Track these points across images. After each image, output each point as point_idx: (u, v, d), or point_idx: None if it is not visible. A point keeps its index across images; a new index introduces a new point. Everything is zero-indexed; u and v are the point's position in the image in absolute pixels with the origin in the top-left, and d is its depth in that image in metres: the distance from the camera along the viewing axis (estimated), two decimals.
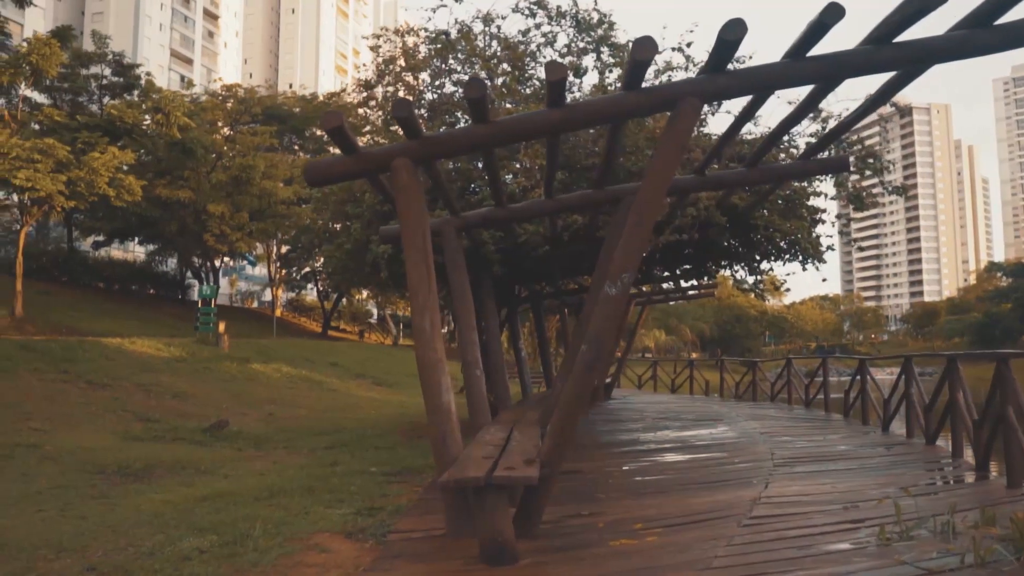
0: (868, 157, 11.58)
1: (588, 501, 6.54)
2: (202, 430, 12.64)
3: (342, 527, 5.87)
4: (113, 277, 39.97)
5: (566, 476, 7.88)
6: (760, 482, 7.23)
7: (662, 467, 8.65)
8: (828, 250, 12.32)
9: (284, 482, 8.22)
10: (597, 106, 5.35)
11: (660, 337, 74.33)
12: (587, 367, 5.14)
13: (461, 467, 4.94)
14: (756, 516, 5.73)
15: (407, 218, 5.63)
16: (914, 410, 10.53)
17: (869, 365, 13.38)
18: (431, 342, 5.52)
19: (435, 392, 5.47)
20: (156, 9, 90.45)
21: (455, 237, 8.54)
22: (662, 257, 13.77)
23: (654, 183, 5.04)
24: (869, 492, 6.62)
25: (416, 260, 5.60)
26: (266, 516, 6.34)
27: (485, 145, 5.69)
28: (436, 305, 5.61)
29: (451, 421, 5.43)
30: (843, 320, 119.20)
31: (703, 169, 7.80)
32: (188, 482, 8.72)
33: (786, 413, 15.67)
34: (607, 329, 5.16)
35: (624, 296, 5.10)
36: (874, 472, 7.84)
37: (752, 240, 11.96)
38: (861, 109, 6.22)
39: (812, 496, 6.50)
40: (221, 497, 7.51)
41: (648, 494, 6.93)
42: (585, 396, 5.25)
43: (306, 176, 5.97)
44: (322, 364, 26.87)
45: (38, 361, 15.39)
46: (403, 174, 5.61)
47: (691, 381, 25.95)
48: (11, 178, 20.85)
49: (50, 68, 24.08)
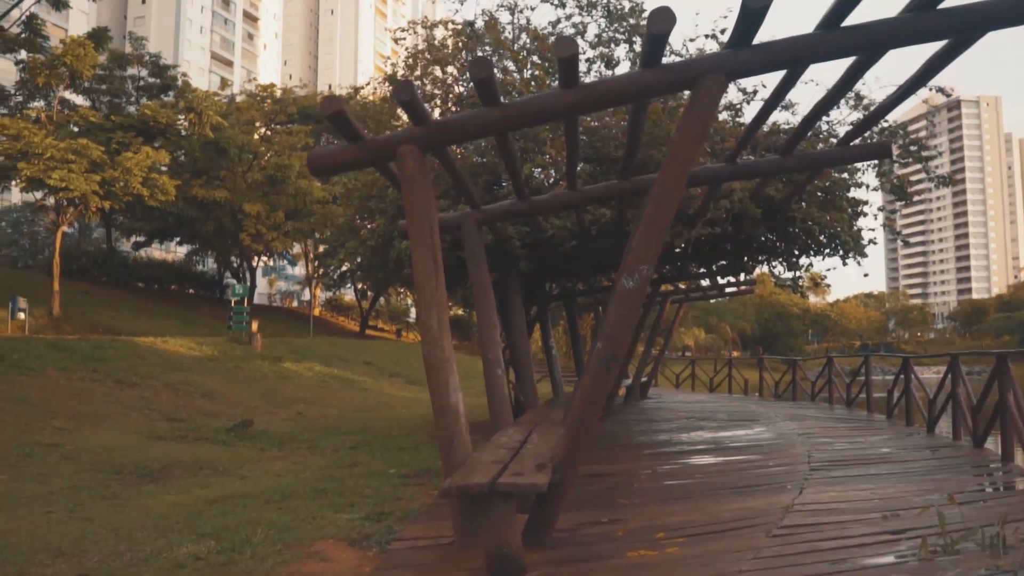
0: (912, 146, 11.03)
1: (609, 507, 6.19)
2: (226, 430, 12.49)
3: (347, 533, 5.59)
4: (152, 277, 40.41)
5: (589, 479, 7.54)
6: (794, 487, 6.82)
7: (692, 470, 8.26)
8: (870, 244, 11.78)
9: (299, 484, 7.97)
10: (613, 85, 5.00)
11: (700, 335, 73.40)
12: (603, 365, 4.79)
13: (466, 473, 4.63)
14: (787, 525, 5.34)
15: (413, 208, 5.33)
16: (961, 410, 10.00)
17: (914, 364, 12.83)
18: (438, 340, 5.21)
19: (442, 392, 5.16)
20: (196, 12, 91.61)
21: (476, 231, 8.24)
22: (696, 252, 13.32)
23: (674, 167, 4.67)
24: (911, 499, 6.18)
25: (422, 253, 5.29)
26: (272, 520, 6.09)
27: (496, 129, 5.36)
28: (444, 301, 5.29)
29: (459, 423, 5.11)
30: (888, 318, 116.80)
31: (734, 157, 7.39)
32: (203, 483, 8.52)
33: (826, 413, 15.14)
34: (624, 325, 4.81)
35: (642, 289, 4.74)
36: (917, 477, 7.37)
37: (790, 234, 11.48)
38: (904, 88, 5.78)
39: (849, 503, 6.08)
40: (232, 499, 7.29)
41: (674, 499, 6.55)
42: (601, 396, 4.90)
43: (310, 165, 5.70)
44: (356, 363, 26.78)
45: (67, 360, 15.41)
46: (409, 162, 5.30)
47: (730, 380, 25.45)
48: (45, 179, 21.04)
49: (84, 69, 24.30)
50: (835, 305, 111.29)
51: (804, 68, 5.03)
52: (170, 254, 50.33)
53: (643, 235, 4.73)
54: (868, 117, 6.67)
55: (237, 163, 33.01)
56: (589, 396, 4.86)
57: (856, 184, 10.97)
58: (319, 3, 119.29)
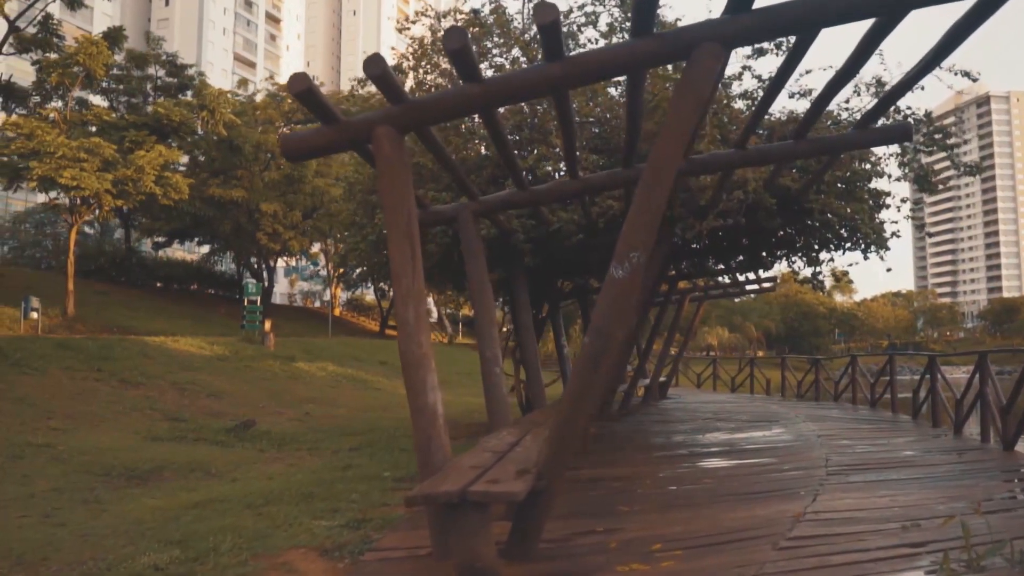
0: (936, 134, 10.48)
1: (607, 515, 5.77)
2: (227, 430, 12.20)
3: (321, 542, 5.22)
4: (171, 277, 40.42)
5: (590, 484, 7.14)
6: (808, 494, 6.36)
7: (701, 474, 7.80)
8: (893, 237, 11.25)
9: (287, 487, 7.64)
10: (601, 56, 4.58)
11: (724, 335, 72.52)
12: (592, 362, 4.38)
13: (438, 479, 4.24)
14: (796, 537, 4.90)
15: (389, 194, 4.95)
16: (990, 411, 9.47)
17: (941, 363, 12.29)
18: (415, 335, 4.82)
19: (419, 391, 4.77)
20: (219, 14, 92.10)
21: (472, 222, 7.84)
22: (712, 247, 12.87)
23: (667, 144, 4.25)
24: (934, 507, 5.71)
25: (399, 242, 4.90)
26: (247, 527, 5.75)
27: (478, 107, 4.95)
28: (422, 293, 4.91)
29: (437, 424, 4.72)
30: (917, 317, 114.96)
31: (744, 142, 6.94)
32: (191, 486, 8.22)
33: (849, 414, 14.60)
34: (615, 318, 4.38)
35: (635, 279, 4.32)
36: (942, 483, 6.88)
37: (808, 227, 10.98)
38: (925, 62, 5.32)
39: (866, 512, 5.61)
40: (214, 504, 6.97)
41: (678, 507, 6.12)
42: (591, 396, 4.49)
43: (282, 150, 5.34)
44: (371, 362, 26.49)
45: (72, 359, 15.20)
46: (385, 144, 4.92)
47: (752, 380, 24.88)
48: (57, 177, 20.92)
49: (97, 68, 24.19)
50: (862, 304, 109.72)
51: (814, 34, 4.60)
52: (191, 255, 50.43)
53: (634, 219, 4.31)
54: (887, 95, 6.20)
55: (253, 162, 32.83)
56: (576, 396, 4.45)
57: (878, 174, 10.46)
58: (341, 4, 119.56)
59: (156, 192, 23.59)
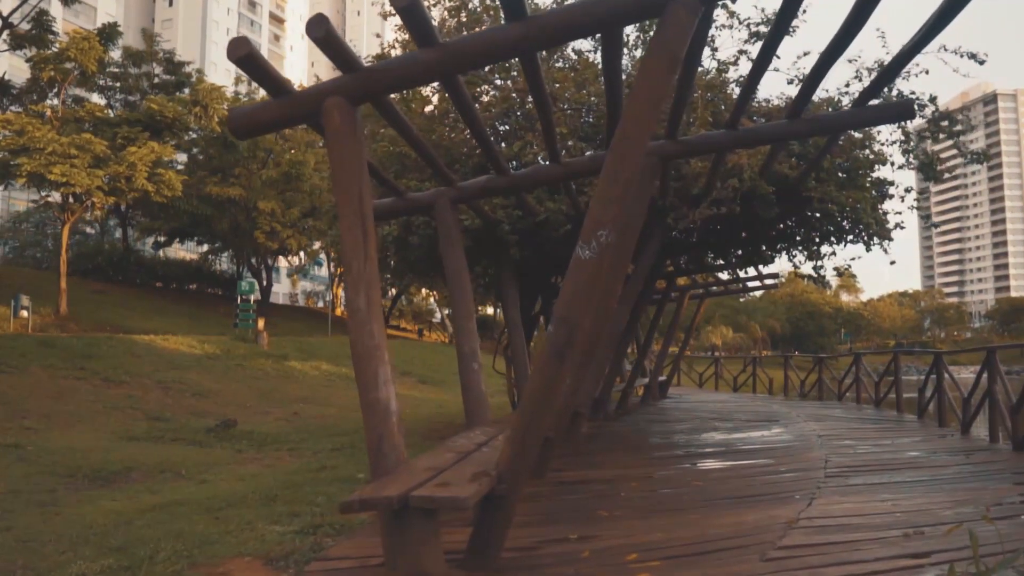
0: (942, 120, 10.00)
1: (584, 520, 5.34)
2: (207, 430, 11.80)
3: (270, 550, 4.80)
4: (170, 276, 40.05)
5: (571, 487, 6.71)
6: (804, 497, 5.93)
7: (692, 476, 7.36)
8: (897, 228, 10.78)
9: (254, 489, 7.23)
10: (568, 14, 4.15)
11: (728, 334, 71.87)
12: (556, 353, 3.96)
13: (383, 483, 3.83)
14: (787, 546, 4.47)
15: (340, 169, 4.53)
16: (999, 410, 9.02)
17: (948, 362, 11.82)
18: (367, 323, 4.41)
19: (371, 385, 4.35)
20: (223, 15, 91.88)
21: (450, 210, 7.43)
22: (709, 240, 12.39)
23: (637, 109, 3.82)
24: (939, 513, 5.27)
25: (351, 222, 4.49)
26: (196, 533, 5.34)
27: (437, 74, 4.54)
28: (375, 278, 4.49)
29: (390, 421, 4.30)
30: (924, 317, 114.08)
31: (735, 122, 6.51)
32: (156, 488, 7.81)
33: (853, 413, 14.14)
34: (582, 304, 3.96)
35: (602, 261, 3.89)
36: (948, 485, 6.43)
37: (807, 218, 10.54)
38: (925, 29, 4.89)
39: (865, 517, 5.18)
40: (173, 507, 6.56)
41: (662, 512, 5.68)
42: (555, 392, 4.06)
43: (230, 126, 4.94)
44: None
45: (54, 358, 14.82)
46: (335, 116, 4.52)
47: (754, 379, 24.44)
48: (46, 174, 20.56)
49: (89, 63, 23.82)
50: (868, 304, 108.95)
51: None
52: (193, 254, 50.07)
53: (603, 193, 3.89)
54: (886, 69, 5.77)
55: (252, 160, 32.45)
56: (540, 392, 4.02)
57: (880, 161, 9.99)
58: (345, 4, 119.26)
59: (149, 189, 23.20)
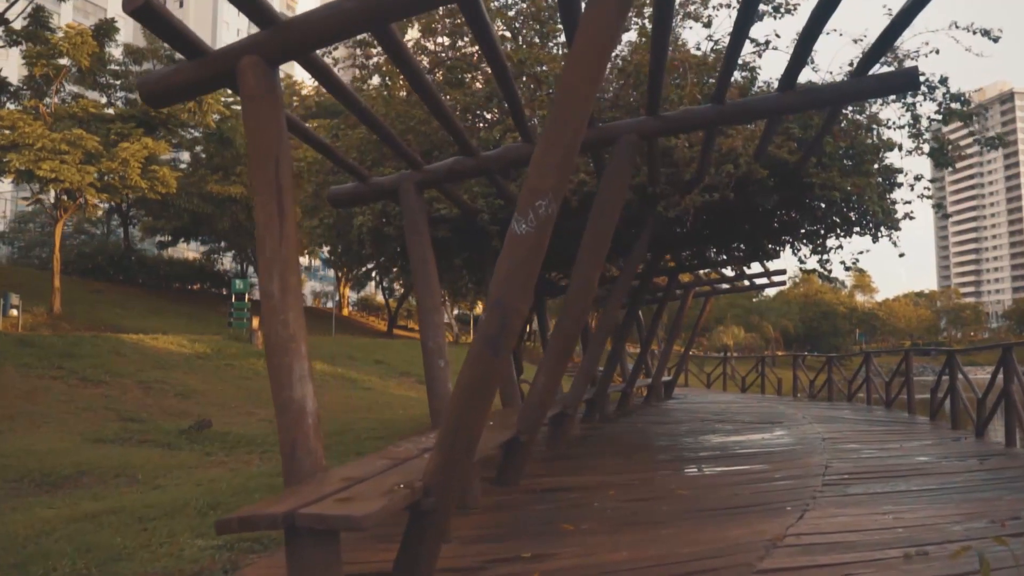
0: (954, 101, 9.33)
1: (544, 536, 4.76)
2: (180, 431, 11.26)
3: (181, 568, 4.25)
4: (173, 276, 39.64)
5: (539, 497, 6.13)
6: (796, 509, 5.32)
7: (678, 484, 6.75)
8: (907, 218, 10.13)
9: (203, 495, 6.67)
10: None
11: (740, 334, 70.89)
12: (488, 344, 3.37)
13: (278, 497, 3.25)
14: (768, 568, 3.87)
15: (254, 136, 3.98)
16: (1015, 411, 8.37)
17: (963, 362, 11.16)
18: (280, 312, 3.84)
19: (284, 383, 3.79)
20: (233, 15, 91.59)
21: (416, 195, 6.89)
22: (707, 232, 11.76)
23: (582, 56, 3.23)
24: (947, 527, 4.65)
25: (265, 196, 3.94)
26: (114, 546, 4.81)
27: (363, 22, 3.99)
28: (291, 260, 3.92)
29: (304, 424, 3.74)
30: (940, 317, 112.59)
31: (722, 95, 5.91)
32: (103, 494, 7.29)
33: (861, 415, 13.49)
34: (519, 287, 3.37)
35: (542, 236, 3.30)
36: (958, 495, 5.80)
37: (810, 208, 9.92)
38: None
39: (862, 533, 4.57)
40: (108, 515, 6.01)
41: (634, 526, 5.07)
42: (487, 389, 3.47)
43: (142, 95, 4.40)
44: (365, 361, 25.51)
45: (31, 357, 14.34)
46: (250, 77, 3.97)
47: (762, 379, 23.72)
48: (36, 170, 20.12)
49: (82, 58, 23.40)
50: (883, 304, 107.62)
51: None
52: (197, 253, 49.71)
53: (542, 158, 3.29)
54: (886, 30, 5.15)
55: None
56: (470, 389, 3.43)
57: (887, 146, 9.35)
58: None
59: (142, 186, 22.75)
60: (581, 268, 6.25)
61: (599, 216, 6.16)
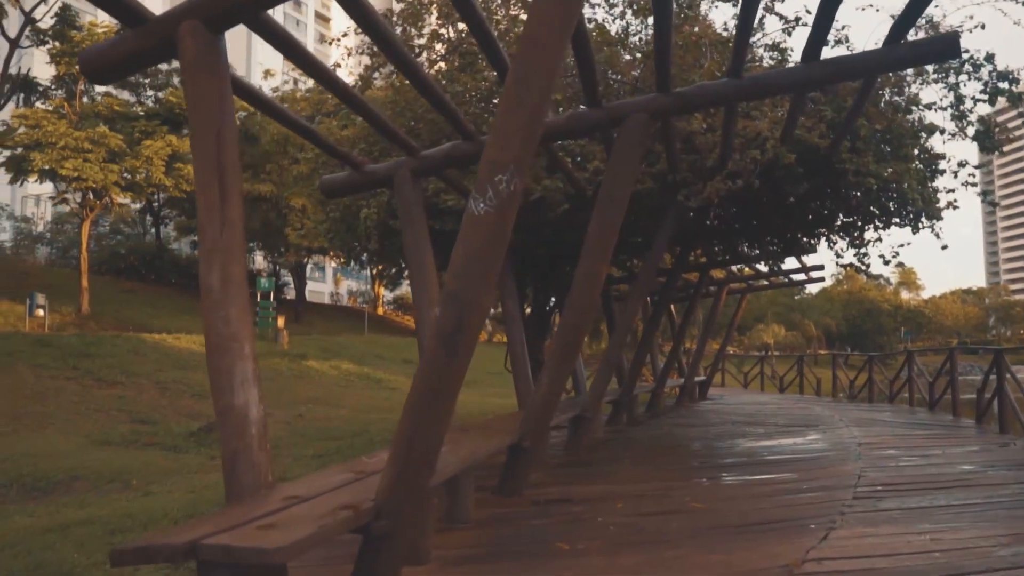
0: (1001, 81, 8.62)
1: (535, 556, 4.27)
2: (188, 434, 10.96)
3: None
4: None
5: (540, 509, 5.63)
6: (821, 527, 4.76)
7: (693, 496, 6.18)
8: (950, 207, 9.43)
9: (187, 505, 6.31)
10: None
11: (780, 333, 69.45)
12: (443, 342, 2.90)
13: (188, 524, 2.81)
14: None
15: (194, 107, 3.55)
16: None
17: (1012, 361, 10.44)
18: (220, 308, 3.40)
19: (225, 388, 3.37)
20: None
21: (411, 183, 6.44)
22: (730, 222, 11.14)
23: (547, 4, 2.74)
24: (991, 552, 4.07)
25: (206, 178, 3.50)
26: (65, 562, 4.44)
27: None
28: (236, 251, 3.48)
29: (247, 434, 3.33)
30: (988, 315, 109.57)
31: (739, 69, 5.36)
32: (90, 500, 6.97)
33: (903, 417, 12.77)
34: (478, 277, 2.89)
35: (504, 216, 2.82)
36: (1005, 511, 5.18)
37: (845, 198, 9.25)
38: None
39: (894, 559, 4.01)
40: (84, 525, 5.67)
41: (637, 545, 4.56)
42: (445, 393, 3.00)
43: (83, 71, 4.00)
44: (394, 361, 25.24)
45: (47, 357, 14.19)
46: (189, 43, 3.53)
47: (801, 379, 22.93)
48: (59, 168, 20.10)
49: None
50: (929, 302, 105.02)
51: None
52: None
53: (503, 124, 2.81)
54: None
55: (282, 155, 31.89)
56: (425, 394, 2.96)
57: (927, 130, 8.68)
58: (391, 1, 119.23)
59: (167, 184, 22.67)
60: (587, 259, 5.75)
61: (606, 202, 5.64)
